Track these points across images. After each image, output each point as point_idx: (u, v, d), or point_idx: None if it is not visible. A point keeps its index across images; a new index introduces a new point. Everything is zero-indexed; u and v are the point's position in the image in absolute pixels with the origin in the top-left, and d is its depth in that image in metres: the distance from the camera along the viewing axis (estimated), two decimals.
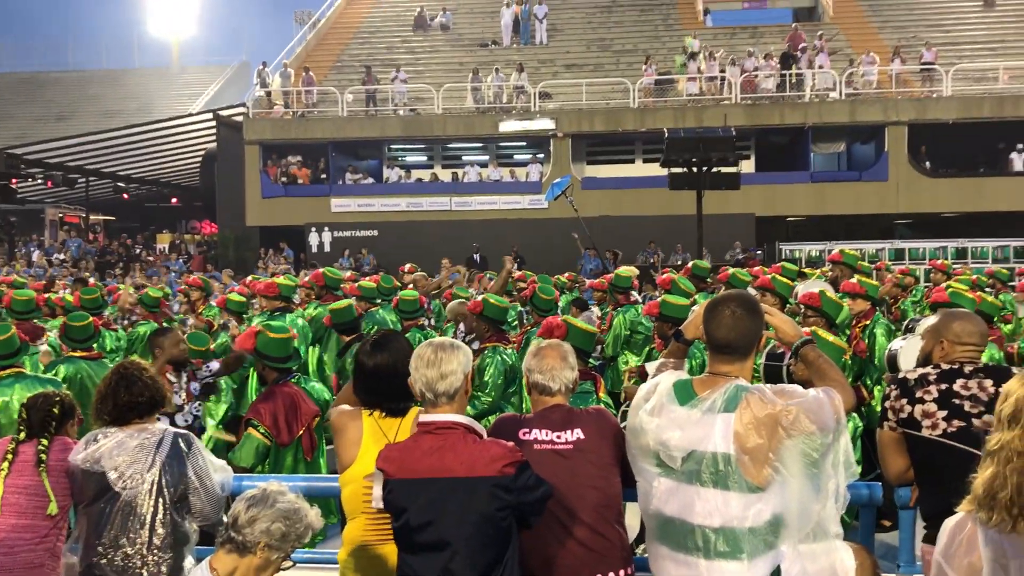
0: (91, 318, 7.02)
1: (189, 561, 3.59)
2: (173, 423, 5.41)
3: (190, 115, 33.22)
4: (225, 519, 3.04)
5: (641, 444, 3.14)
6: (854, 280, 7.92)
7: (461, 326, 8.03)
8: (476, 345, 6.83)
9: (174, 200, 38.18)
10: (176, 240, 31.27)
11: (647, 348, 7.96)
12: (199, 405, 6.07)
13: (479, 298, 7.01)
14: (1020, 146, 25.05)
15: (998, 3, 30.80)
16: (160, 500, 3.52)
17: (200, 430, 6.01)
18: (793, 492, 2.92)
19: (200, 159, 30.95)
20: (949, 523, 2.45)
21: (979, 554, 2.32)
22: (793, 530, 2.95)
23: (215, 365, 6.35)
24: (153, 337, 6.15)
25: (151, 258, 27.97)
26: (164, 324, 8.41)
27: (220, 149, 27.89)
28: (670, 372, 3.27)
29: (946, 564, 2.41)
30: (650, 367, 3.83)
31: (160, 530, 3.51)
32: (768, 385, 3.04)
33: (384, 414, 3.47)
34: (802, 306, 6.72)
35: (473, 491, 2.94)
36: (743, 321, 3.03)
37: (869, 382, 7.12)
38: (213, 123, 28.30)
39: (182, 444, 3.64)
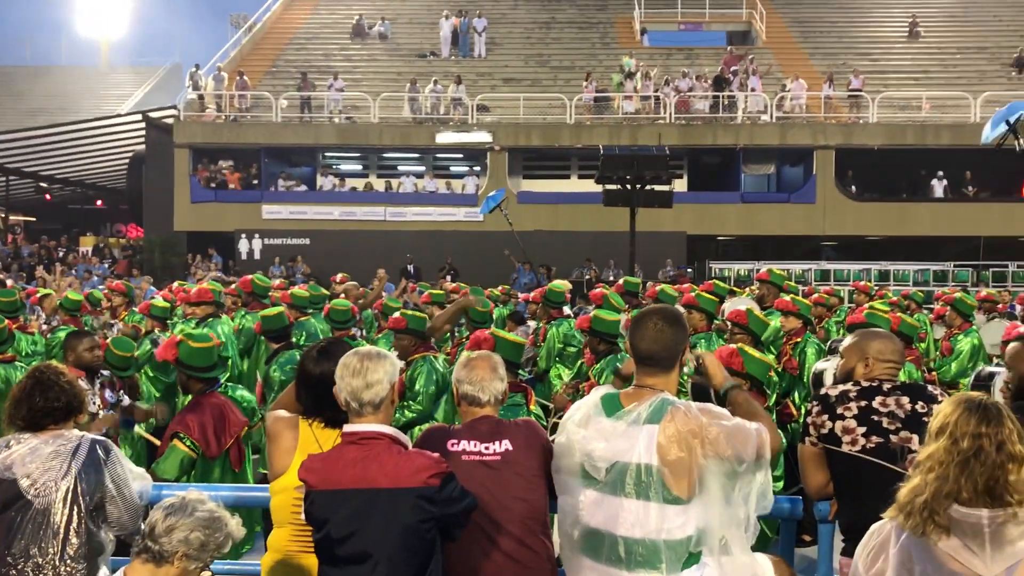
0: (6, 321, 6.79)
1: (104, 572, 3.48)
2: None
3: (118, 116, 32.44)
4: (143, 528, 2.96)
5: (567, 463, 3.17)
6: (787, 298, 8.10)
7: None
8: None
9: (99, 202, 37.20)
10: (100, 243, 30.44)
11: (579, 362, 8.02)
12: (112, 413, 5.89)
13: (398, 315, 6.96)
14: (940, 173, 25.93)
15: (923, 35, 31.93)
16: (75, 509, 3.41)
17: (116, 437, 5.83)
18: (713, 509, 2.97)
19: (127, 161, 30.21)
20: (871, 528, 2.57)
21: (887, 556, 2.44)
22: (714, 545, 2.99)
23: (126, 401, 6.13)
24: (67, 340, 5.98)
25: (74, 261, 27.18)
26: (84, 329, 8.17)
27: (149, 151, 27.26)
28: (599, 387, 3.32)
29: (861, 567, 2.53)
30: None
31: (74, 540, 3.40)
32: (696, 403, 3.08)
33: (324, 424, 3.42)
34: (729, 323, 6.85)
35: (397, 502, 2.91)
36: (665, 333, 3.10)
37: (797, 399, 7.28)
38: (142, 125, 27.67)
39: (100, 451, 3.52)
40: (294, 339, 8.29)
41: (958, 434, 2.38)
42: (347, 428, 3.06)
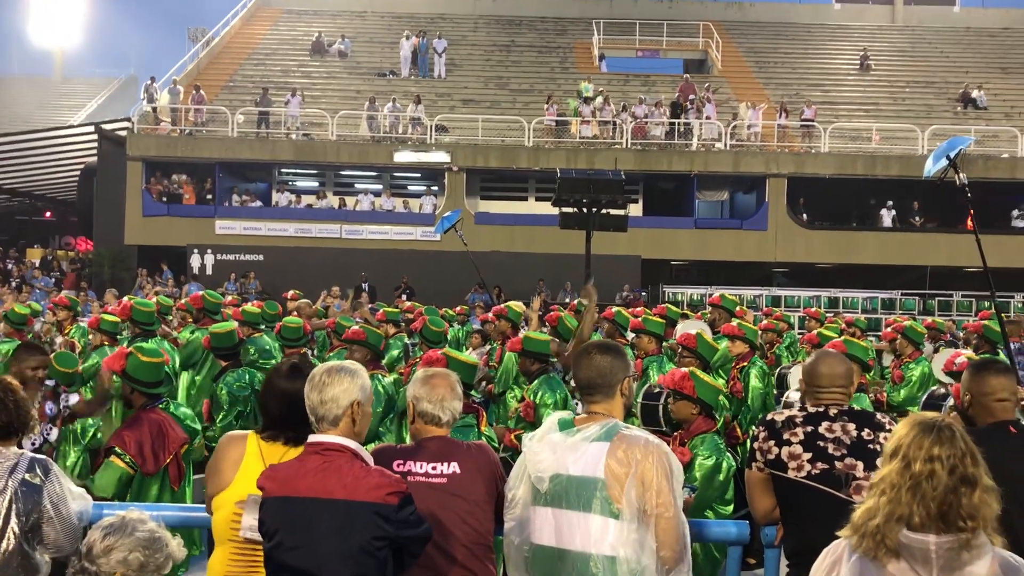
0: None
1: None
2: (20, 445, 5.10)
3: (70, 127, 31.92)
4: (80, 548, 2.88)
5: (519, 482, 3.19)
6: (734, 323, 8.20)
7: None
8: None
9: (48, 214, 36.50)
10: (48, 256, 29.84)
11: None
12: (51, 427, 5.74)
13: (357, 327, 6.95)
14: (889, 203, 26.48)
15: (873, 68, 32.69)
16: (10, 529, 3.31)
17: (54, 452, 5.68)
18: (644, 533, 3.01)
19: (78, 173, 29.69)
20: (826, 549, 2.55)
21: (839, 572, 2.43)
22: (655, 563, 3.01)
23: (74, 399, 6.01)
24: (16, 352, 5.83)
25: (20, 273, 26.59)
26: (30, 342, 7.98)
27: (101, 164, 26.81)
28: (557, 412, 3.40)
29: None
30: None
31: (7, 560, 3.30)
32: (654, 443, 3.11)
33: (281, 441, 3.39)
34: (679, 346, 6.91)
35: (351, 516, 2.88)
36: (600, 361, 3.24)
37: (744, 422, 7.34)
38: (95, 136, 27.22)
39: (38, 470, 3.43)
40: (249, 356, 8.19)
41: (911, 456, 2.36)
42: (312, 438, 3.06)
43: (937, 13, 37.84)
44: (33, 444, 5.43)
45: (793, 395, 5.92)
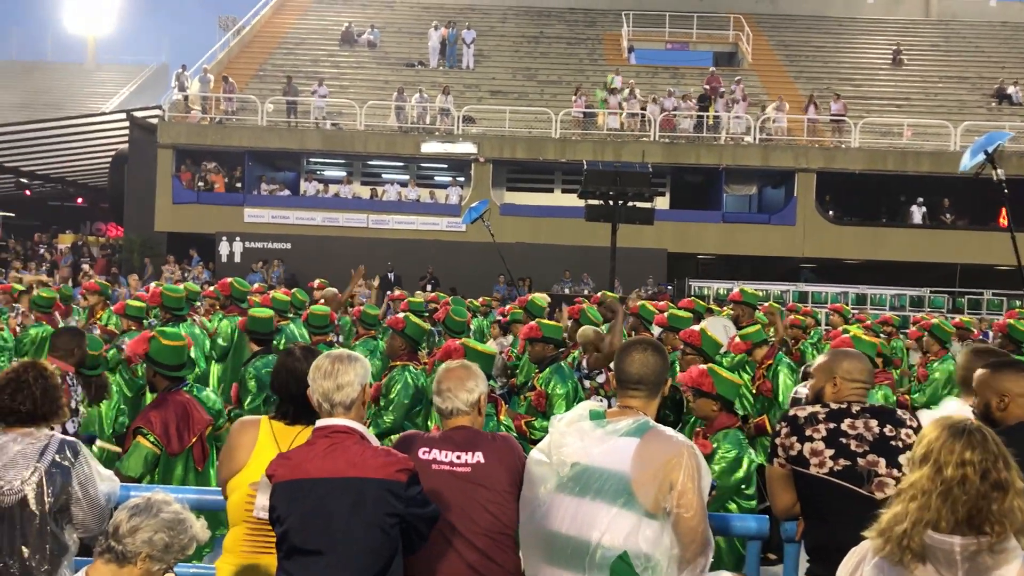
0: None
1: (66, 572, 3.45)
2: (64, 429, 5.18)
3: (102, 114, 32.25)
4: (107, 528, 2.94)
5: (542, 470, 3.19)
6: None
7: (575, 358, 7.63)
8: (601, 378, 6.86)
9: (79, 200, 36.93)
10: (79, 241, 30.22)
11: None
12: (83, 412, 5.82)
13: (400, 315, 6.96)
14: (920, 200, 26.19)
15: (906, 63, 32.30)
16: (39, 509, 3.38)
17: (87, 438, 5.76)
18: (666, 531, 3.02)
19: (110, 160, 30.03)
20: (853, 549, 2.52)
21: (862, 572, 2.40)
22: (677, 560, 3.02)
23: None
24: (54, 338, 5.92)
25: (52, 259, 26.97)
26: (61, 326, 8.10)
27: (132, 151, 27.09)
28: (587, 402, 3.45)
29: None
30: None
31: (37, 540, 3.37)
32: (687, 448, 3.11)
33: (285, 422, 3.47)
34: (682, 343, 6.86)
35: (361, 493, 2.93)
36: (654, 360, 3.25)
37: (773, 419, 7.29)
38: (126, 124, 27.51)
39: (68, 452, 3.49)
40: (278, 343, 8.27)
41: (942, 461, 2.30)
42: (319, 423, 3.13)
43: (972, 7, 37.26)
44: (76, 426, 5.50)
45: (801, 390, 5.87)
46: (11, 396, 3.51)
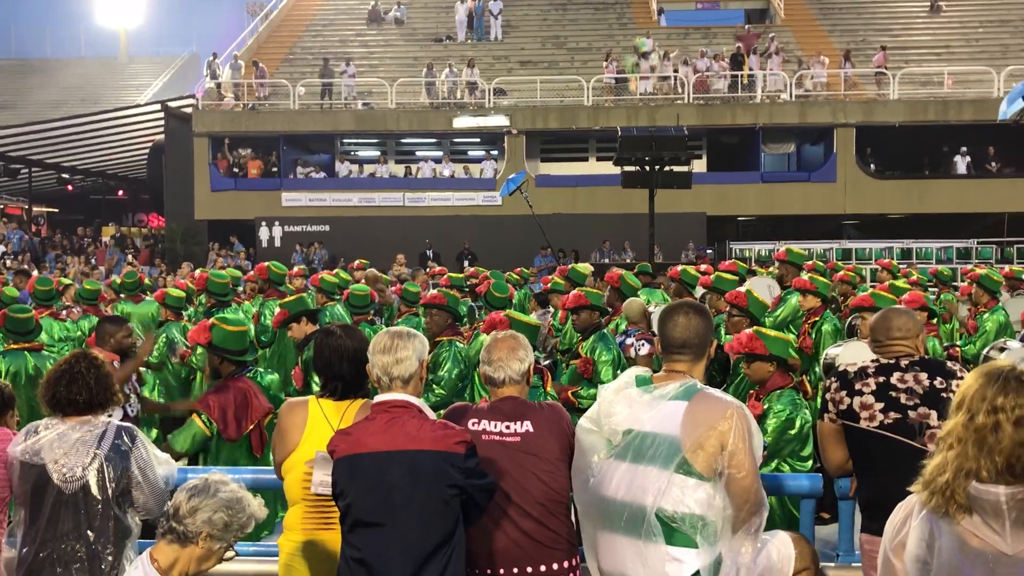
0: (32, 311, 6.88)
1: (131, 554, 3.54)
2: (125, 413, 5.29)
3: (138, 106, 32.60)
4: (167, 509, 3.01)
5: (593, 437, 3.20)
6: (806, 277, 8.02)
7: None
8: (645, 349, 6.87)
9: (120, 192, 37.45)
10: (117, 233, 30.69)
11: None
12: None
13: (437, 292, 7.00)
14: (963, 149, 25.64)
15: (944, 9, 31.48)
16: (102, 494, 3.47)
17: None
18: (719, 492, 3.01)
19: (147, 151, 30.41)
20: (900, 504, 2.48)
21: (909, 527, 2.37)
22: (731, 521, 3.02)
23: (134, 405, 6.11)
24: (100, 326, 6.03)
25: (96, 251, 27.43)
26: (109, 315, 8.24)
27: (168, 141, 27.42)
28: (634, 368, 3.44)
29: (888, 537, 2.45)
30: None
31: (101, 523, 3.46)
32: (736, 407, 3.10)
33: (337, 397, 3.51)
34: (728, 304, 6.79)
35: (422, 465, 2.97)
36: (699, 322, 3.24)
37: (813, 378, 7.23)
38: (161, 114, 27.81)
39: (125, 437, 3.57)
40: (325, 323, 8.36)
41: (974, 409, 2.26)
42: (377, 398, 3.17)
43: None
44: (133, 411, 5.60)
45: (832, 351, 5.83)
46: (67, 387, 3.59)
